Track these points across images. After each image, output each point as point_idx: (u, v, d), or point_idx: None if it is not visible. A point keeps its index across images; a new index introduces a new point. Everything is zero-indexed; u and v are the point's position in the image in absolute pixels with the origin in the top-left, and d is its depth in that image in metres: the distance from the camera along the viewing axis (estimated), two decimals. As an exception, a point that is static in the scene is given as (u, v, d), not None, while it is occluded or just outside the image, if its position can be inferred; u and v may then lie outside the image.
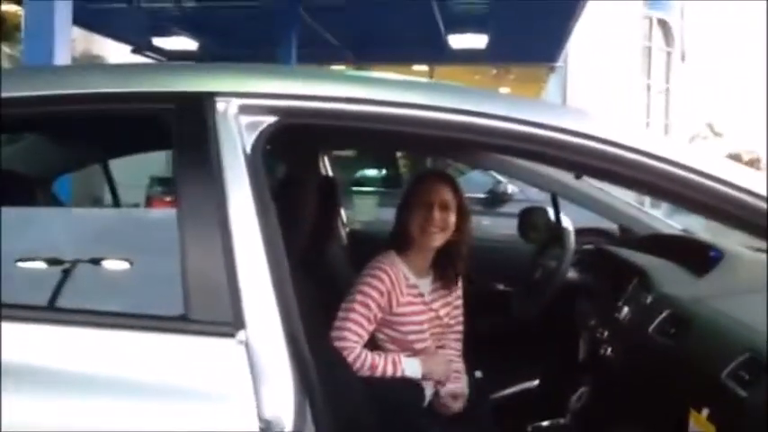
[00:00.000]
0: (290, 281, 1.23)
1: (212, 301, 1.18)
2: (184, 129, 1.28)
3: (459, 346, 2.35)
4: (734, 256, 2.24)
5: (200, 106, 1.27)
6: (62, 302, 1.28)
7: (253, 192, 1.23)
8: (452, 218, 2.18)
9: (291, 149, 2.45)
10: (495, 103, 1.31)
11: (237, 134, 1.27)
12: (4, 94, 1.35)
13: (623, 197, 3.05)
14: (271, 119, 1.30)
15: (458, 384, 2.23)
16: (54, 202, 2.46)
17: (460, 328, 2.36)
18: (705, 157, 1.29)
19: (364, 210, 5.70)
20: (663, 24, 18.25)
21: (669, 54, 18.51)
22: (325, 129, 1.62)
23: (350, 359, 2.03)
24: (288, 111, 1.31)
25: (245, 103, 1.29)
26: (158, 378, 1.17)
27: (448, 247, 2.21)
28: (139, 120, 1.52)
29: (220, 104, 1.28)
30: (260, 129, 1.29)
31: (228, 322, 1.17)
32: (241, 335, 1.16)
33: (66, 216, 1.89)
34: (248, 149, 1.26)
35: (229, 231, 1.20)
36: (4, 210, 1.41)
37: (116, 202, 2.76)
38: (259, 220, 1.22)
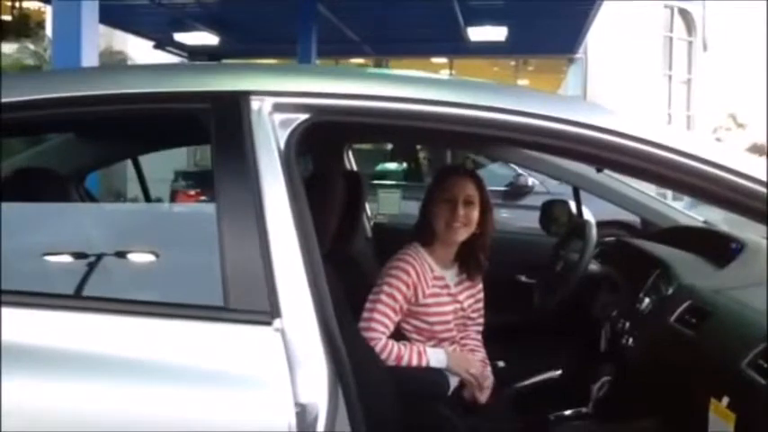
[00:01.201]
0: (322, 271, 1.28)
1: (250, 291, 1.23)
2: (221, 127, 1.33)
3: (479, 337, 2.39)
4: (755, 249, 2.26)
5: (236, 105, 1.32)
6: (109, 293, 1.34)
7: (287, 186, 1.28)
8: (476, 213, 2.22)
9: (319, 145, 2.50)
10: (521, 100, 1.35)
11: (271, 131, 1.32)
12: (48, 96, 1.41)
13: (644, 190, 3.07)
14: (303, 116, 1.35)
15: (484, 375, 2.27)
16: (88, 198, 2.53)
17: (482, 320, 2.40)
18: (726, 151, 1.32)
19: (385, 203, 5.73)
20: (684, 14, 18.03)
21: (691, 44, 18.30)
22: (354, 125, 1.67)
23: (377, 349, 2.08)
24: (320, 108, 1.36)
25: (278, 102, 1.34)
26: (199, 364, 1.22)
27: (471, 240, 2.25)
28: (174, 118, 1.58)
29: (255, 103, 1.33)
30: (293, 126, 1.34)
31: (265, 311, 1.22)
32: (277, 323, 1.21)
33: (109, 212, 1.96)
34: (282, 146, 1.31)
35: (265, 224, 1.25)
36: (58, 206, 1.47)
37: (146, 198, 2.83)
38: (293, 213, 1.27)
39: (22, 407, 1.18)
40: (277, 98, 1.34)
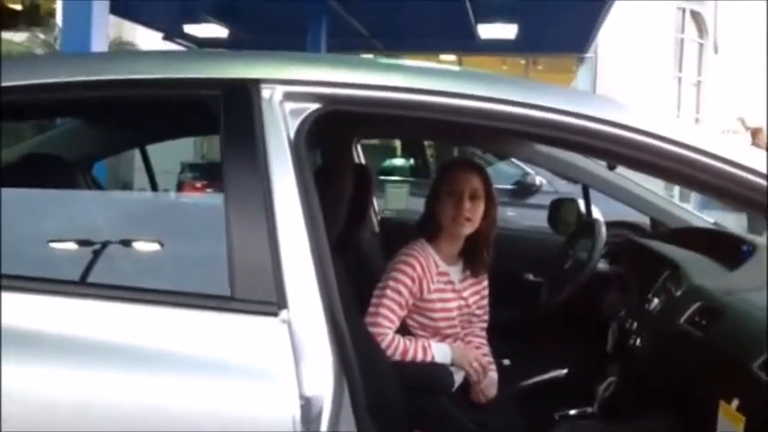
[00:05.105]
0: (330, 263, 1.27)
1: (257, 282, 1.21)
2: (231, 115, 1.31)
3: (484, 334, 2.38)
4: (765, 251, 2.24)
5: (246, 93, 1.31)
6: (115, 280, 1.33)
7: (296, 176, 1.26)
8: (482, 207, 2.20)
9: (328, 138, 2.49)
10: (533, 93, 1.33)
11: (282, 120, 1.30)
12: (56, 79, 1.40)
13: (654, 189, 3.05)
14: (314, 106, 1.33)
15: (490, 373, 2.25)
16: (95, 186, 2.52)
17: (486, 317, 2.39)
18: (738, 148, 1.30)
19: (392, 198, 5.73)
20: (696, 16, 17.95)
21: (702, 46, 18.22)
22: (364, 116, 1.65)
23: (383, 344, 2.07)
24: (331, 98, 1.34)
25: (289, 90, 1.32)
26: (204, 354, 1.21)
27: (476, 235, 2.24)
28: (184, 105, 1.56)
29: (265, 91, 1.31)
30: (303, 115, 1.32)
31: (272, 302, 1.20)
32: (284, 314, 1.20)
33: (117, 200, 1.95)
34: (292, 135, 1.30)
35: (274, 214, 1.24)
36: (66, 193, 1.46)
37: (153, 187, 2.82)
38: (302, 203, 1.25)
39: (25, 393, 1.17)
40: (288, 87, 1.33)
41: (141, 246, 1.47)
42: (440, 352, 2.16)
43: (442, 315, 2.23)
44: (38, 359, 1.20)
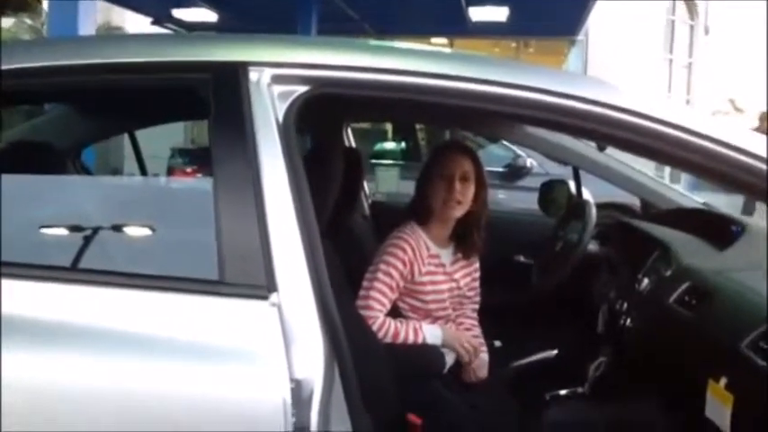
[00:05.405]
0: (320, 247, 1.27)
1: (246, 265, 1.21)
2: (219, 98, 1.30)
3: (475, 316, 2.39)
4: (755, 231, 2.25)
5: (234, 76, 1.30)
6: (104, 266, 1.32)
7: (285, 159, 1.26)
8: (472, 189, 2.20)
9: (318, 121, 2.48)
10: (524, 75, 1.33)
11: (270, 103, 1.29)
12: (40, 63, 1.38)
13: (644, 171, 3.05)
14: (303, 88, 1.32)
15: (481, 354, 2.27)
16: (84, 172, 2.51)
17: (478, 299, 2.39)
18: (729, 128, 1.30)
19: (383, 181, 5.73)
20: (687, -3, 17.94)
21: (692, 28, 18.21)
22: (354, 99, 1.64)
23: (374, 327, 2.07)
24: (319, 80, 1.34)
25: (277, 73, 1.32)
26: (194, 338, 1.21)
27: (467, 218, 2.24)
28: (172, 89, 1.55)
29: (253, 74, 1.31)
30: (292, 98, 1.31)
31: (262, 285, 1.20)
32: (274, 297, 1.20)
33: (106, 185, 1.94)
34: (281, 118, 1.29)
35: (263, 198, 1.23)
36: (54, 178, 1.45)
37: (143, 172, 2.81)
38: (291, 187, 1.25)
39: (15, 379, 1.16)
40: (276, 69, 1.32)
41: (130, 231, 1.46)
42: (431, 333, 2.17)
43: (434, 297, 2.24)
44: (25, 345, 1.19)
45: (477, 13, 9.59)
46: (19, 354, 1.18)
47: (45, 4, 11.69)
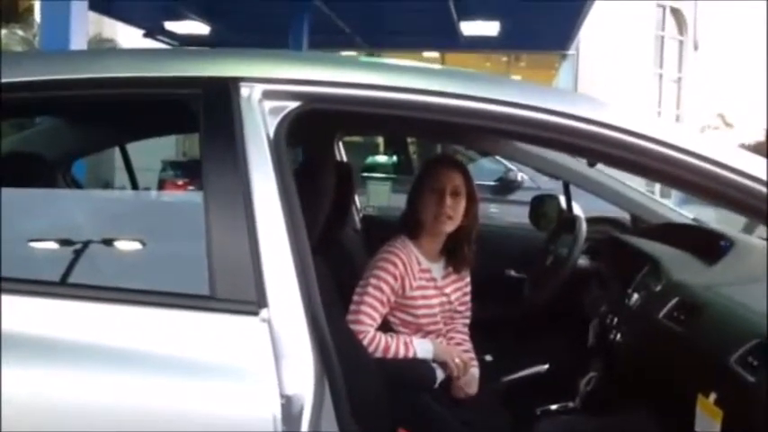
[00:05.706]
0: (311, 262, 1.27)
1: (237, 281, 1.21)
2: (209, 114, 1.31)
3: (466, 330, 2.39)
4: (744, 246, 2.27)
5: (226, 91, 1.30)
6: (94, 281, 1.32)
7: (276, 175, 1.26)
8: (463, 204, 2.21)
9: (309, 135, 2.48)
10: (515, 91, 1.34)
11: (261, 119, 1.29)
12: (35, 77, 1.38)
13: (634, 186, 3.07)
14: (293, 104, 1.33)
15: (471, 369, 2.26)
16: (74, 185, 2.50)
17: (469, 314, 2.39)
18: (719, 146, 1.31)
19: (375, 195, 5.74)
20: (676, 13, 18.09)
21: (682, 43, 18.37)
22: (345, 115, 1.65)
23: (365, 341, 2.07)
24: (310, 96, 1.34)
25: (268, 89, 1.32)
26: (184, 353, 1.20)
27: (458, 232, 2.24)
28: (163, 104, 1.55)
29: (245, 89, 1.31)
30: (283, 114, 1.32)
31: (252, 301, 1.20)
32: (264, 313, 1.19)
33: (96, 199, 1.93)
34: (271, 134, 1.29)
35: (253, 213, 1.23)
36: (44, 192, 1.45)
37: (134, 186, 2.80)
38: (282, 202, 1.25)
39: (4, 393, 1.16)
40: (267, 85, 1.32)
41: (121, 245, 1.46)
42: (421, 348, 2.16)
43: (425, 312, 2.24)
44: (15, 360, 1.18)
45: (468, 28, 9.65)
46: (7, 369, 1.16)
47: (37, 16, 11.68)
